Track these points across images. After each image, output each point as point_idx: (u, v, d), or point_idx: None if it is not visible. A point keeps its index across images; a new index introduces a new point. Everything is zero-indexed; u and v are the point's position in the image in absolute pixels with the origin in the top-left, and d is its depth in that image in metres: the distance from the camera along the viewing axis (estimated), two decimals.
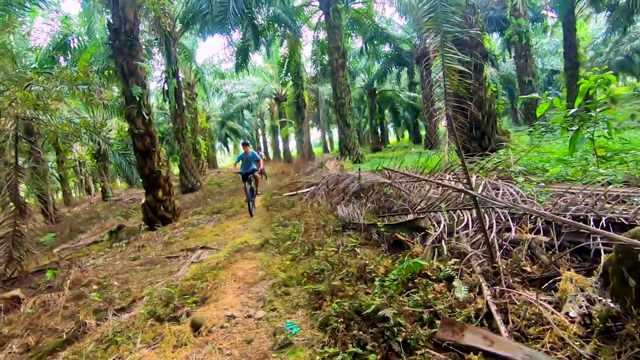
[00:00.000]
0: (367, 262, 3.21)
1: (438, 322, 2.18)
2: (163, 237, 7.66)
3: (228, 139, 40.86)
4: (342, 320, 2.44)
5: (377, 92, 28.84)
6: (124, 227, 9.36)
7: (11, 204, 7.68)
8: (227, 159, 51.75)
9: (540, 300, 2.11)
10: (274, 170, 21.03)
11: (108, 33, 9.75)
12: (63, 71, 8.16)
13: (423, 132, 28.20)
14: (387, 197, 4.78)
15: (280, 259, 4.38)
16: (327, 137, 40.95)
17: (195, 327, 2.97)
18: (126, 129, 15.35)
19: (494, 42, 21.64)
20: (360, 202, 5.08)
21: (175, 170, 21.39)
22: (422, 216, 3.60)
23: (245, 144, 8.59)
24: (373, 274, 2.98)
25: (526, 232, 2.86)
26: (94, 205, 18.27)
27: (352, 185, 5.99)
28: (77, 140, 14.57)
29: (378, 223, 3.85)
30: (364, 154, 17.60)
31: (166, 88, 15.86)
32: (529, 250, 2.69)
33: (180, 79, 17.22)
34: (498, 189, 3.43)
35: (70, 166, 19.08)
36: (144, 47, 11.92)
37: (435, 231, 3.38)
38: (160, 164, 9.24)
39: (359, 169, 6.22)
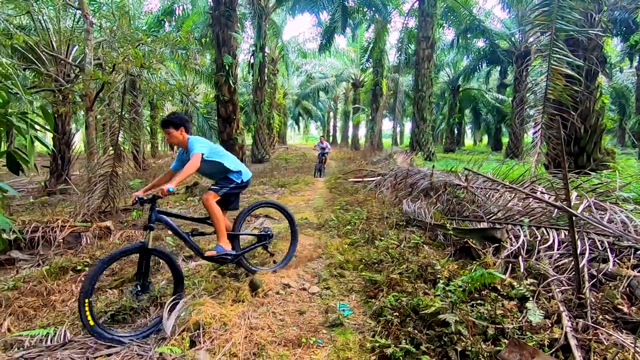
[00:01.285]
0: (430, 262, 3.07)
1: (504, 341, 2.02)
2: None
3: (300, 118, 41.82)
4: (397, 314, 2.38)
5: (460, 89, 27.05)
6: (199, 184, 10.18)
7: (111, 148, 8.79)
8: (296, 137, 53.20)
9: (638, 347, 1.82)
10: (340, 154, 21.13)
11: (210, 3, 10.43)
12: (169, 35, 8.91)
13: (505, 139, 25.95)
14: (460, 201, 4.50)
15: (338, 241, 4.41)
16: (398, 129, 39.79)
17: (253, 287, 3.14)
18: (212, 96, 16.47)
19: (612, 47, 18.78)
20: (429, 201, 4.86)
21: (248, 140, 22.56)
22: (499, 227, 3.33)
23: (167, 123, 3.25)
24: (436, 276, 2.85)
25: (627, 268, 2.48)
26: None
27: (422, 182, 5.75)
28: (170, 99, 16.00)
29: (447, 225, 3.64)
30: (435, 152, 16.80)
31: (252, 61, 16.58)
32: (627, 288, 2.34)
33: (266, 54, 17.89)
34: (603, 213, 3.01)
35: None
36: (238, 19, 12.54)
37: (512, 245, 3.10)
38: (237, 131, 9.81)
39: (433, 166, 5.93)
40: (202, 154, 3.11)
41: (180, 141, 3.27)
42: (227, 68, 9.51)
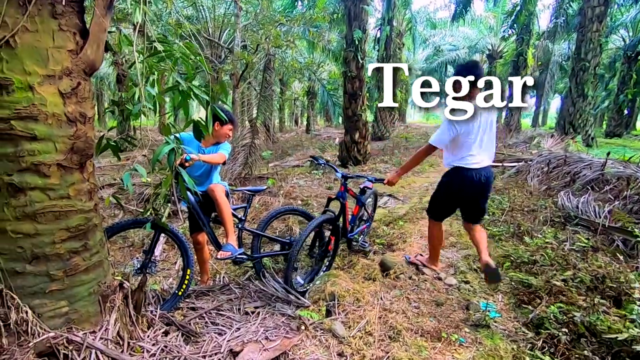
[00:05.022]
0: (608, 273, 2.46)
1: None
2: None
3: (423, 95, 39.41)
4: (566, 330, 1.97)
5: None
6: (322, 159, 10.62)
7: (248, 122, 9.81)
8: (415, 115, 50.70)
9: None
10: None
11: None
12: (304, 14, 9.25)
13: None
14: None
15: None
16: (541, 108, 33.92)
17: (384, 268, 3.07)
18: (337, 72, 16.74)
19: None
20: (600, 197, 3.93)
21: (369, 117, 22.41)
22: None
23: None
24: (619, 292, 2.26)
25: None
26: (299, 136, 21.53)
27: (587, 173, 4.69)
28: (299, 77, 16.94)
29: (635, 230, 2.86)
30: (595, 136, 13.69)
31: (378, 35, 16.12)
32: None
33: (393, 27, 17.12)
34: None
35: (288, 99, 22.72)
36: None
37: None
38: (362, 108, 9.75)
39: (608, 154, 4.74)
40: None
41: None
42: (356, 43, 9.39)
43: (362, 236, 3.63)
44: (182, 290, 2.55)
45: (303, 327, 2.27)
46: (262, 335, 2.20)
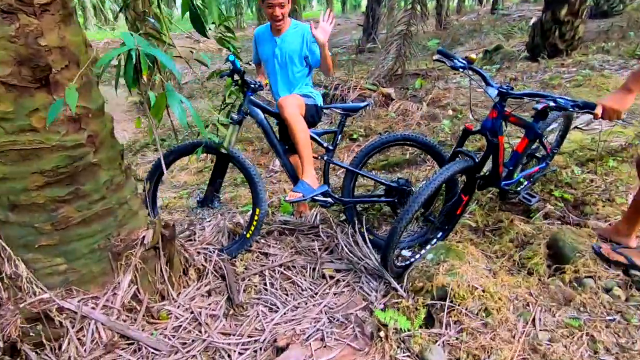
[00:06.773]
0: None
1: None
2: (543, 74, 5.83)
3: None
4: None
5: None
6: (502, 48, 7.97)
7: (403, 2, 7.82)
8: None
9: None
10: None
11: None
12: None
13: None
14: None
15: None
16: None
17: (557, 254, 1.78)
18: None
19: None
20: None
21: None
22: None
23: None
24: None
25: None
26: (480, 18, 17.09)
27: None
28: None
29: None
30: None
31: None
32: None
33: None
34: None
35: None
36: None
37: None
38: None
39: None
40: None
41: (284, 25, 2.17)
42: None
43: (527, 182, 2.23)
44: (250, 232, 2.08)
45: (382, 335, 1.49)
46: (319, 332, 1.54)
